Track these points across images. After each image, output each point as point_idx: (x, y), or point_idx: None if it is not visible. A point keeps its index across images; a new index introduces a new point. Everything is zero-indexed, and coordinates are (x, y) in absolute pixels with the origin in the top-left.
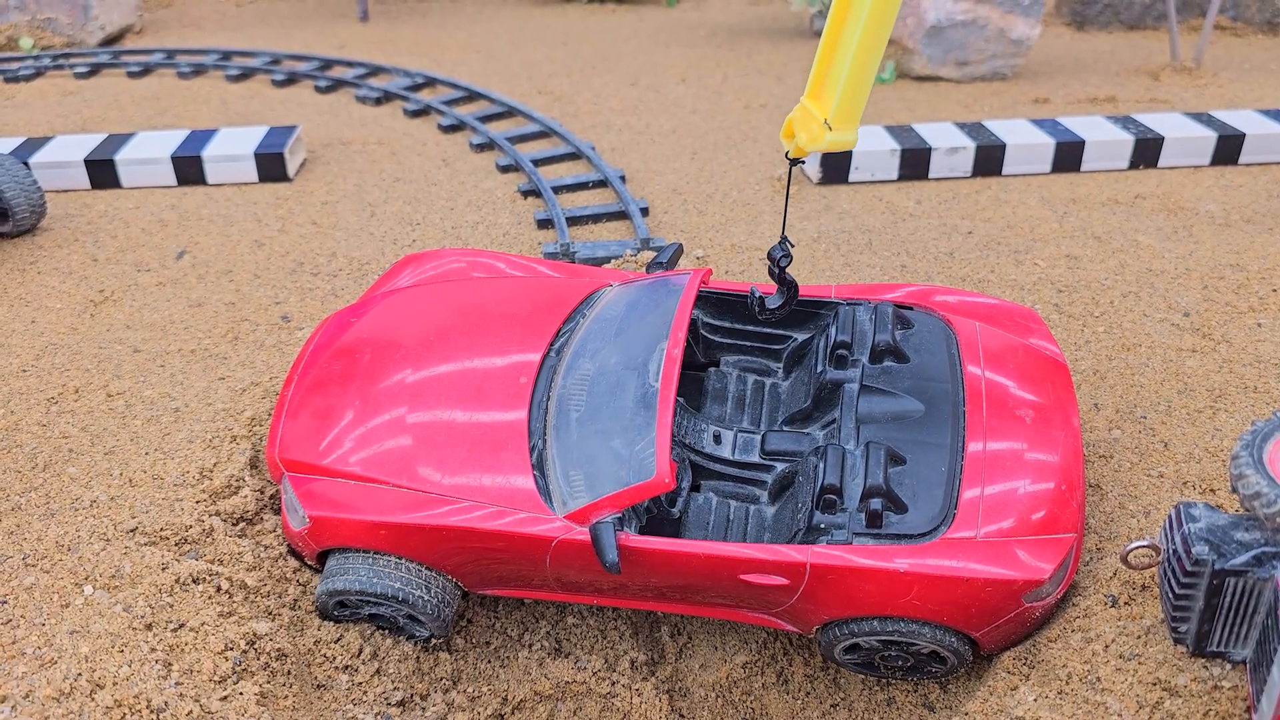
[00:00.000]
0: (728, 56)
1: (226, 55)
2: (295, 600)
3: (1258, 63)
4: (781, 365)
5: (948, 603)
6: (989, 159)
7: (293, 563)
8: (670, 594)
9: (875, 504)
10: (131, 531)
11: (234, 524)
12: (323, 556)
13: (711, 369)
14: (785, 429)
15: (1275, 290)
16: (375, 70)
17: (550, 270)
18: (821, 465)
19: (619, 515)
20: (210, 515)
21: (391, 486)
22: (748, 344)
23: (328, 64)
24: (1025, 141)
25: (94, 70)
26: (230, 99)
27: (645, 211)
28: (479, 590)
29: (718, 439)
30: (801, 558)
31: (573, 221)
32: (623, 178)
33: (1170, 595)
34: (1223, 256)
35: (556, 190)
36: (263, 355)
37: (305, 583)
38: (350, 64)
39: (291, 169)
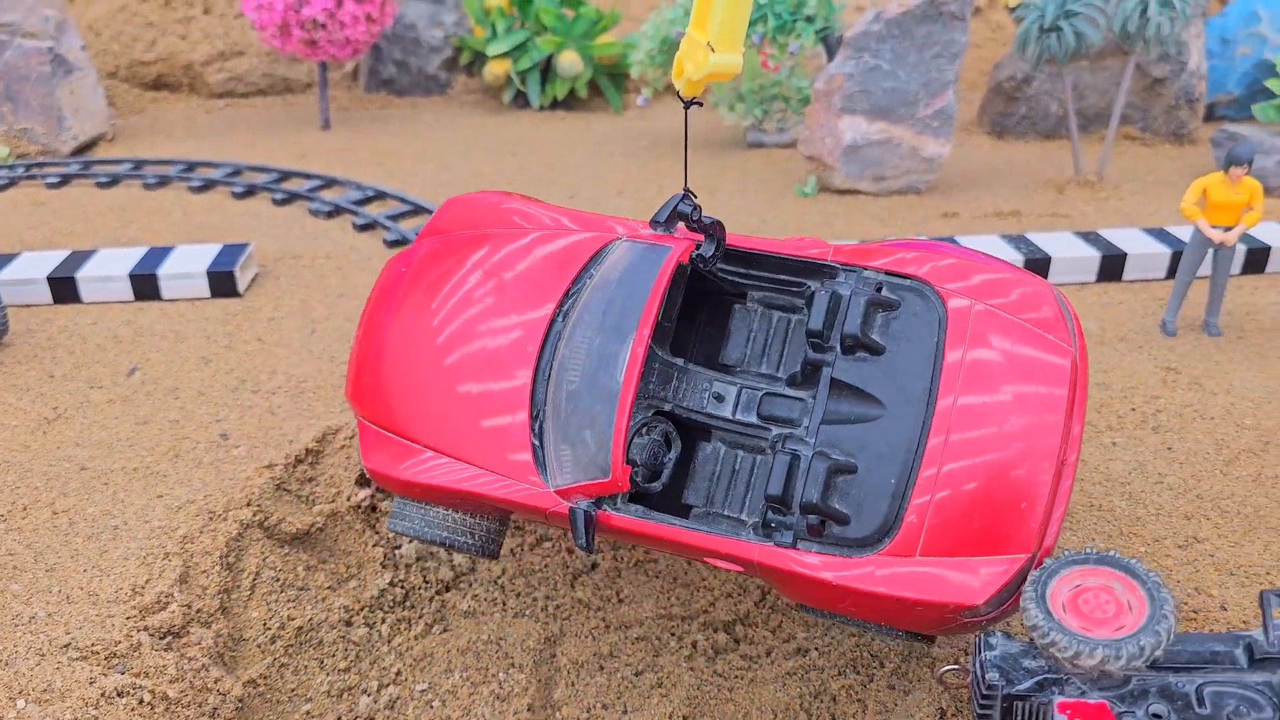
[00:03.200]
0: (665, 168)
1: (190, 167)
2: (215, 709)
3: (1162, 174)
4: (805, 303)
5: (883, 613)
6: None
7: (215, 672)
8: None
9: (812, 518)
10: (65, 647)
11: (160, 638)
12: None
13: (737, 306)
14: (783, 393)
15: (1134, 409)
16: (330, 183)
17: (569, 220)
18: (769, 473)
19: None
20: (138, 630)
21: (420, 447)
22: (768, 286)
23: (285, 175)
24: None
25: (65, 180)
26: (192, 210)
27: None
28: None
29: (719, 398)
30: (749, 555)
31: None
32: None
33: (976, 713)
34: (1091, 375)
35: None
36: (200, 473)
37: (225, 692)
38: (307, 176)
39: (242, 285)
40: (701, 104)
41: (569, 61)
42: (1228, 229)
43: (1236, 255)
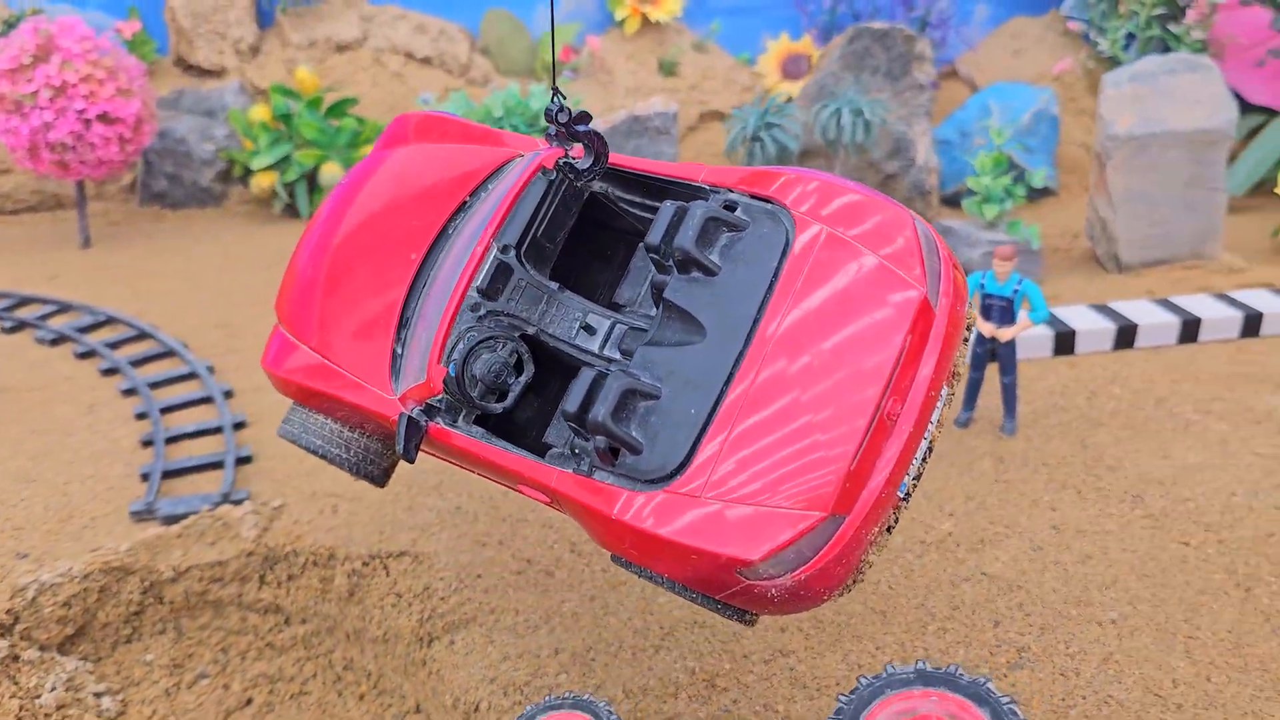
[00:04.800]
0: None
1: None
2: None
3: None
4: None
5: (664, 561)
6: None
7: None
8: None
9: (599, 442)
10: None
11: None
12: None
13: (641, 245)
14: (641, 326)
15: None
16: (64, 308)
17: (497, 140)
18: (571, 389)
19: (436, 405)
20: None
21: (307, 350)
22: (648, 211)
23: (22, 301)
24: None
25: None
26: None
27: (247, 460)
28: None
29: (589, 330)
30: (547, 480)
31: (172, 474)
32: (239, 425)
33: None
34: None
35: (173, 440)
36: None
37: None
38: (43, 301)
39: None
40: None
41: (331, 173)
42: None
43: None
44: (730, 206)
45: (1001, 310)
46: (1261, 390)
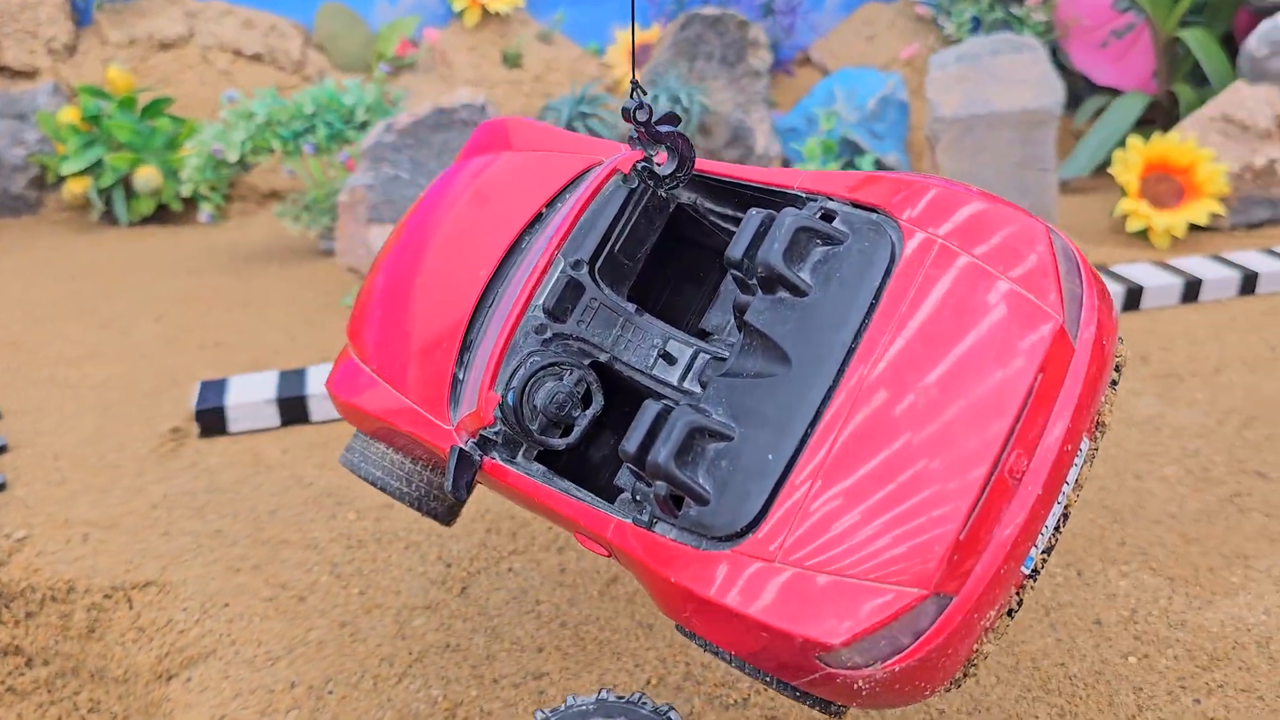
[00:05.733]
0: (226, 285)
1: None
2: None
3: None
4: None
5: (730, 636)
6: None
7: None
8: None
9: (660, 489)
10: None
11: None
12: None
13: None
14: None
15: (537, 536)
16: None
17: (579, 146)
18: (633, 426)
19: (492, 438)
20: None
21: (370, 373)
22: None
23: None
24: None
25: None
26: None
27: (1, 487)
28: None
29: (669, 359)
30: (602, 529)
31: None
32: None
33: None
34: None
35: None
36: None
37: None
38: None
39: None
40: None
41: (145, 177)
42: None
43: None
44: (828, 216)
45: None
46: None
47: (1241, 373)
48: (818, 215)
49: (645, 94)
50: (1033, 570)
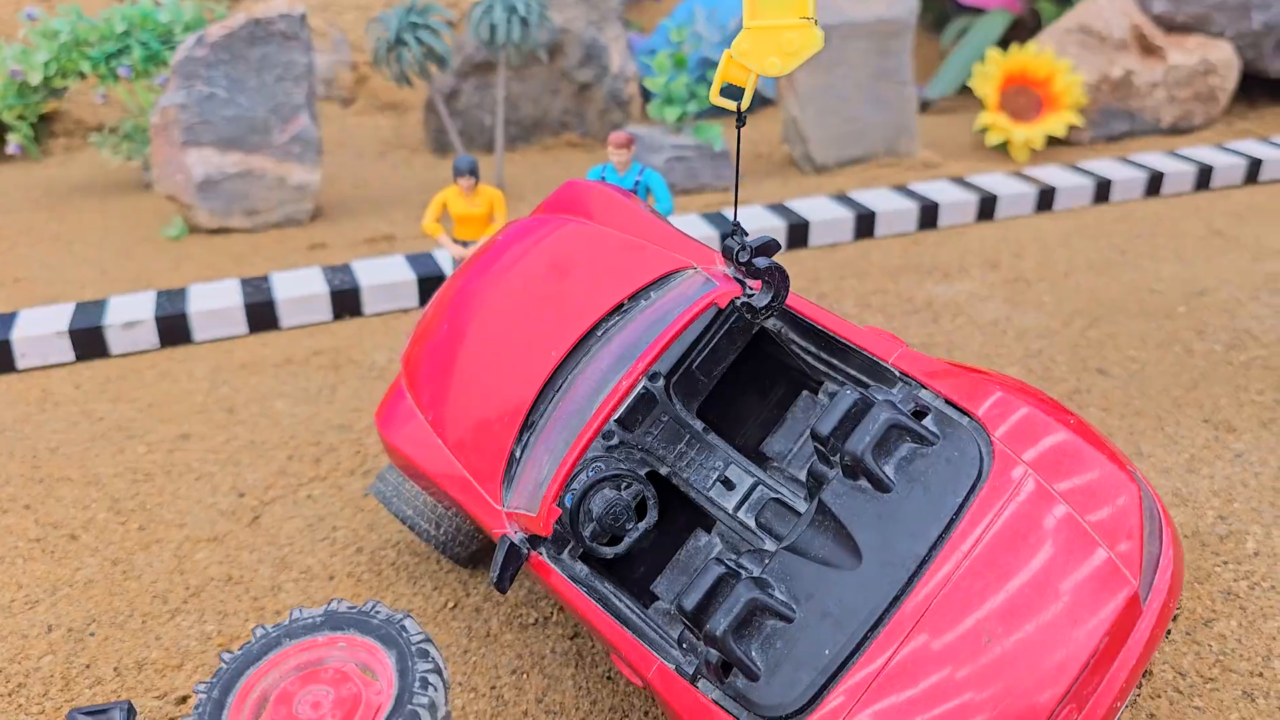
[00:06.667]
0: (36, 221)
1: None
2: None
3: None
4: (828, 399)
5: None
6: (174, 330)
7: None
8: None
9: (711, 655)
10: None
11: None
12: None
13: (805, 393)
14: (789, 502)
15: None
16: None
17: (664, 237)
18: (693, 584)
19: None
20: None
21: (421, 418)
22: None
23: None
24: (219, 305)
25: None
26: None
27: None
28: None
29: (728, 484)
30: (644, 666)
31: None
32: None
33: None
34: None
35: None
36: None
37: None
38: None
39: None
40: (745, 121)
41: None
42: (469, 244)
43: None
44: (920, 412)
45: None
46: (925, 282)
47: (1089, 276)
48: (910, 409)
49: (746, 234)
50: None
